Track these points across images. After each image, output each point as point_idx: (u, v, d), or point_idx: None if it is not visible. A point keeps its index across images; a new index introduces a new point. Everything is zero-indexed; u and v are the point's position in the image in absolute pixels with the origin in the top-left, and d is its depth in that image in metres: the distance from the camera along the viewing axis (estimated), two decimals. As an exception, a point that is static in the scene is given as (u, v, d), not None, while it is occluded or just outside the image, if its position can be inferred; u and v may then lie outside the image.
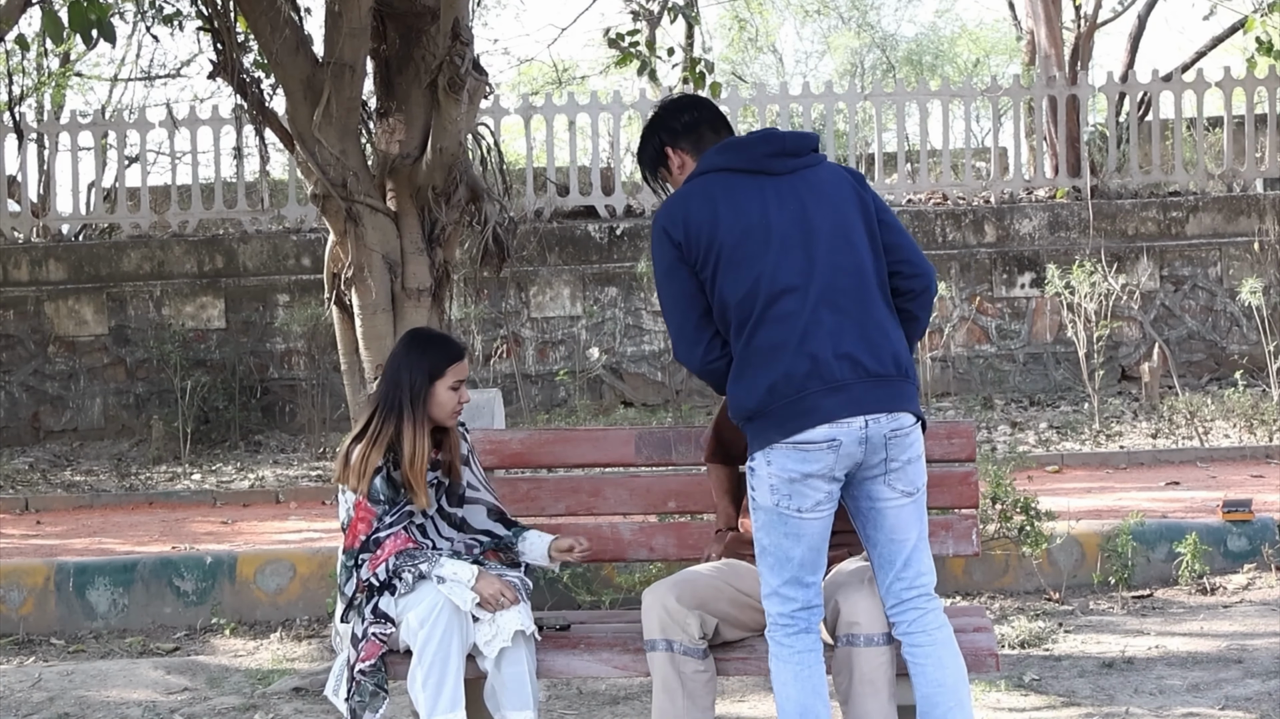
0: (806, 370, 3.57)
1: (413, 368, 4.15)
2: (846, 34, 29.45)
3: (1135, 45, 16.53)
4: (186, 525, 9.43)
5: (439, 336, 4.39)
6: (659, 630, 3.93)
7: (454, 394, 4.17)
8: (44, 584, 7.17)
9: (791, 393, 3.57)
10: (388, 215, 5.92)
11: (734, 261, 3.64)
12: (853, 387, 3.58)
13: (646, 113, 14.04)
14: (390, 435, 4.10)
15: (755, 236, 3.64)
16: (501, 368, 12.83)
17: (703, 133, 3.90)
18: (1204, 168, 13.59)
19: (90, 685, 5.86)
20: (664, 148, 3.94)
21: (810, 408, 3.57)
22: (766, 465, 3.62)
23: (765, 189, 3.69)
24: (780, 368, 3.59)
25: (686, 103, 3.98)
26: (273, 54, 5.89)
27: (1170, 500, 8.53)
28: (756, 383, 3.61)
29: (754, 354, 3.62)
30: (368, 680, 3.98)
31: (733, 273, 3.64)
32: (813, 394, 3.57)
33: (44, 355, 13.17)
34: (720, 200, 3.69)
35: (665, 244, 3.73)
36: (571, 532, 4.60)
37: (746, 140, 3.79)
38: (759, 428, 3.63)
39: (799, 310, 3.60)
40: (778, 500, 3.62)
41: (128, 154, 14.70)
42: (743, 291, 3.63)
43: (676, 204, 3.75)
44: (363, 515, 4.09)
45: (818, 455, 3.58)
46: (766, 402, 3.59)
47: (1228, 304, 13.02)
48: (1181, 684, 5.26)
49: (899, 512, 3.69)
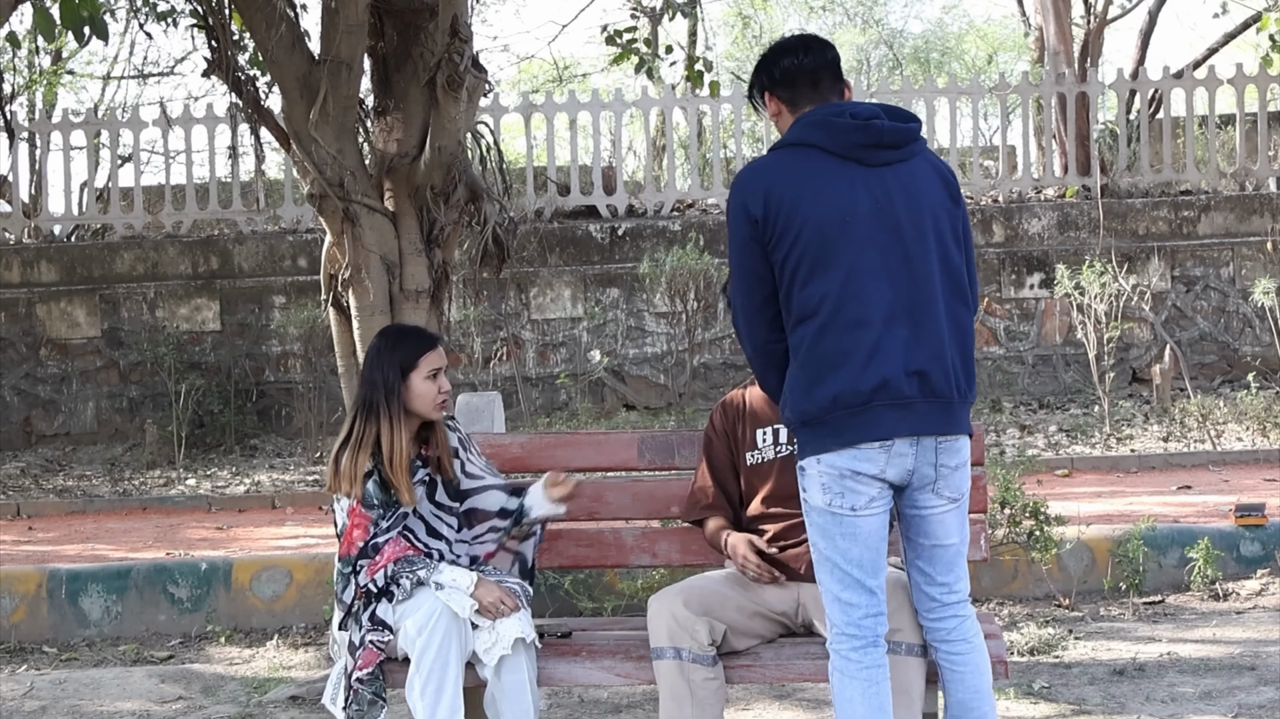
0: (874, 386, 3.51)
1: (384, 364, 4.16)
2: (852, 30, 29.46)
3: (1146, 41, 16.55)
4: (181, 531, 9.43)
5: (410, 329, 4.41)
6: (667, 638, 3.92)
7: (432, 384, 4.16)
8: (36, 591, 7.17)
9: (857, 405, 3.52)
10: (385, 215, 5.92)
11: (812, 255, 3.53)
12: (917, 404, 3.54)
13: (649, 111, 14.06)
14: (373, 436, 4.11)
15: (837, 232, 3.53)
16: (501, 370, 12.83)
17: (800, 86, 3.69)
18: (1216, 166, 13.58)
19: (83, 694, 5.86)
20: (763, 90, 3.76)
21: (871, 421, 3.52)
22: (817, 464, 3.58)
23: (855, 181, 3.55)
24: (848, 380, 3.52)
25: (794, 44, 3.76)
26: (268, 51, 5.88)
27: (1182, 505, 8.53)
28: (821, 392, 3.54)
29: (821, 361, 3.54)
30: (365, 689, 3.99)
31: (808, 266, 3.53)
32: (877, 408, 3.52)
33: (36, 358, 13.18)
34: (805, 183, 3.55)
35: (742, 219, 3.60)
36: (573, 538, 4.61)
37: (838, 124, 3.59)
38: (815, 434, 3.58)
39: (873, 320, 3.52)
40: (830, 500, 3.57)
41: (121, 153, 14.72)
42: (818, 290, 3.53)
43: (757, 177, 3.62)
44: (358, 522, 4.09)
45: (870, 454, 3.54)
46: (828, 411, 3.54)
47: (1240, 305, 13.01)
48: (1194, 692, 5.26)
49: (943, 518, 3.67)
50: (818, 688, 5.48)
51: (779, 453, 4.18)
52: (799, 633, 4.16)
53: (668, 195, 13.69)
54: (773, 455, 4.19)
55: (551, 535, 4.57)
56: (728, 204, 3.67)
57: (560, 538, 4.61)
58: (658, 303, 12.81)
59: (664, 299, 12.41)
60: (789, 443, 4.15)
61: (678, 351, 12.83)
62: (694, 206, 13.89)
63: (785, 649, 4.09)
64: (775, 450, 4.19)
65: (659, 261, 11.81)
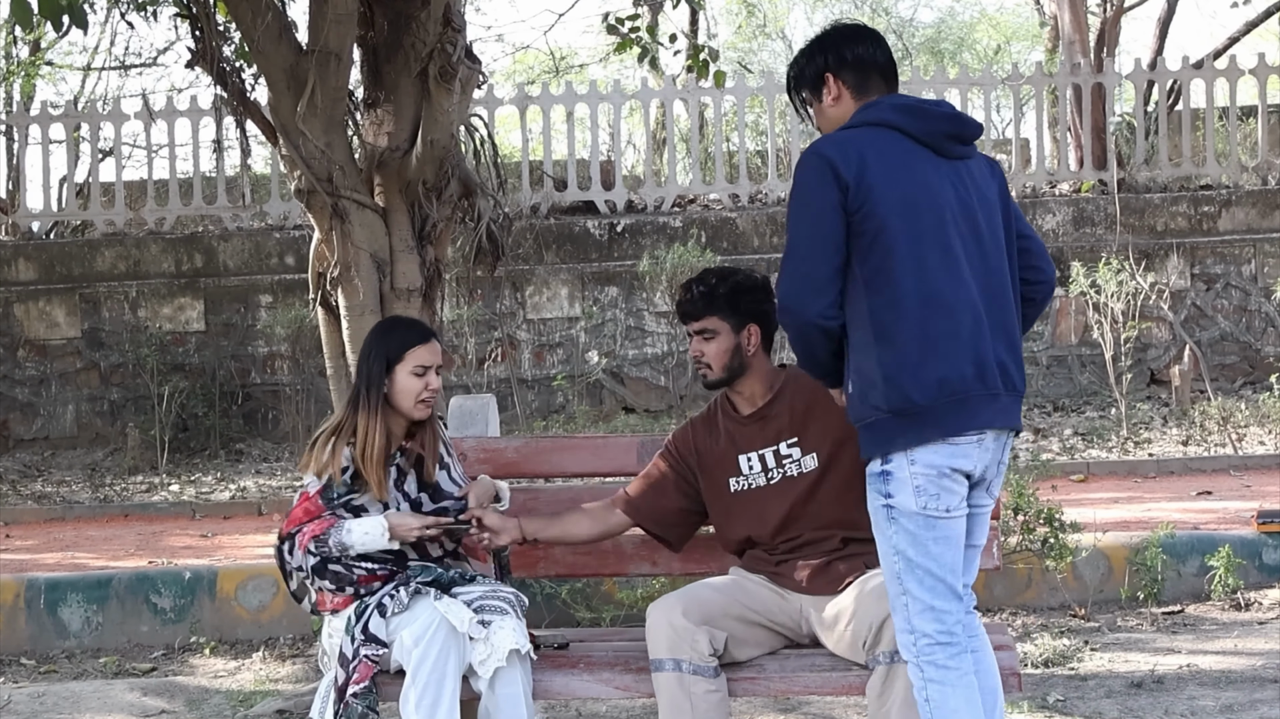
0: (974, 373, 3.55)
1: (371, 355, 4.20)
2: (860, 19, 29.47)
3: (1164, 31, 16.54)
4: (164, 539, 9.44)
5: (404, 321, 4.42)
6: (666, 649, 3.92)
7: (417, 380, 4.17)
8: (14, 601, 7.17)
9: (962, 392, 3.54)
10: (376, 211, 5.92)
11: (907, 233, 3.54)
12: (1002, 398, 3.61)
13: (648, 103, 14.07)
14: (352, 426, 4.14)
15: (934, 216, 3.57)
16: (496, 372, 12.84)
17: (871, 75, 3.74)
18: (1237, 160, 13.59)
19: (63, 708, 5.86)
20: (825, 72, 3.75)
21: (974, 411, 3.56)
22: (910, 465, 3.55)
23: (941, 170, 3.62)
24: (953, 363, 3.53)
25: (865, 34, 3.81)
26: (254, 42, 5.88)
27: (1202, 511, 8.53)
28: (928, 373, 3.52)
29: (927, 341, 3.53)
30: (358, 703, 3.98)
31: (905, 244, 3.54)
32: (976, 398, 3.56)
33: (13, 360, 13.18)
34: (899, 163, 3.58)
35: (829, 180, 3.55)
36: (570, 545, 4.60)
37: (930, 111, 3.69)
38: (915, 424, 3.54)
39: (968, 305, 3.56)
40: (925, 503, 3.56)
41: (101, 147, 14.71)
42: (912, 269, 3.53)
43: (851, 143, 3.59)
44: (307, 507, 4.11)
45: (967, 449, 3.57)
46: (935, 397, 3.53)
47: (1262, 304, 13.02)
48: (1214, 705, 5.26)
49: (982, 517, 3.76)
50: (824, 701, 5.48)
51: (770, 479, 4.17)
52: (803, 644, 4.15)
53: (668, 190, 13.70)
54: (763, 482, 4.18)
55: (548, 543, 4.57)
56: (805, 167, 3.61)
57: (557, 545, 4.60)
58: (658, 302, 12.81)
59: (664, 298, 12.41)
60: (778, 468, 4.15)
61: (679, 352, 12.83)
62: (695, 202, 13.90)
63: (790, 660, 4.09)
64: (766, 477, 4.18)
65: (659, 259, 11.81)
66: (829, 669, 4.00)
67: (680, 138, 15.77)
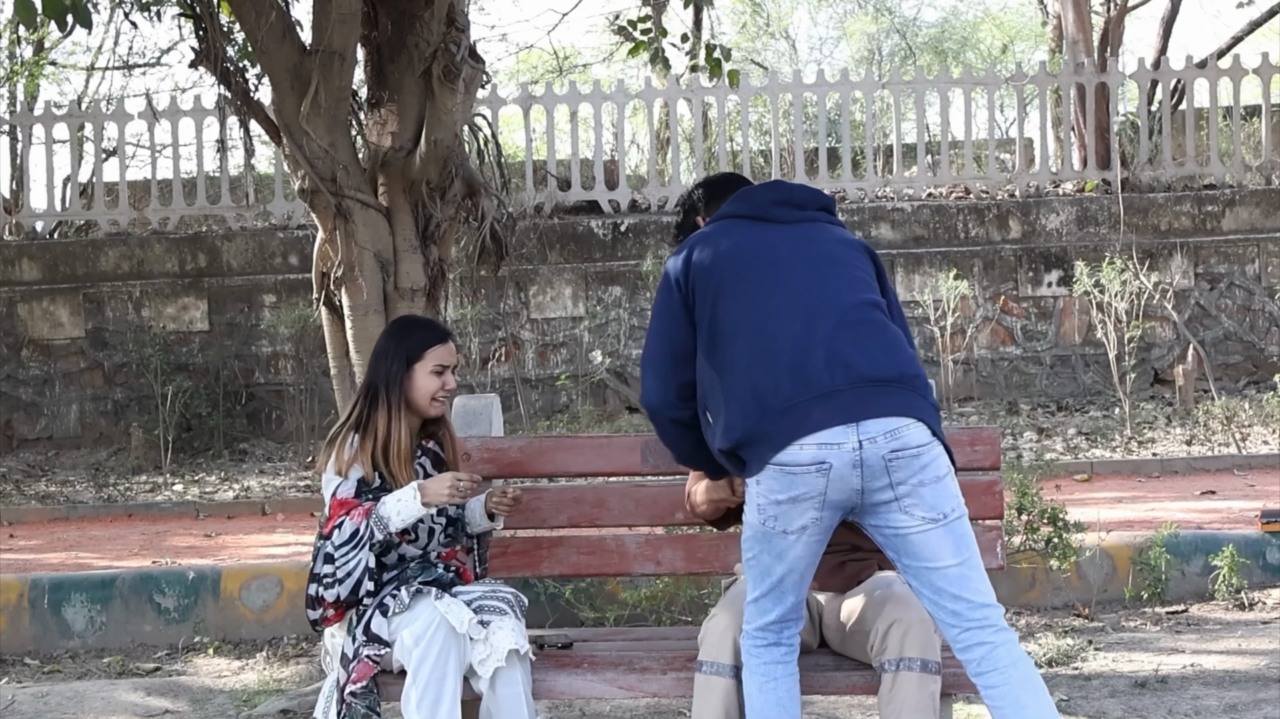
0: (790, 381, 3.54)
1: (390, 353, 4.23)
2: (863, 19, 29.42)
3: (1168, 30, 16.53)
4: (168, 539, 9.44)
5: (422, 321, 4.47)
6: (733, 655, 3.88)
7: (435, 379, 4.22)
8: (17, 601, 7.18)
9: (780, 403, 3.53)
10: (379, 211, 5.93)
11: (733, 286, 3.73)
12: (845, 393, 3.52)
13: (652, 102, 14.07)
14: (373, 425, 4.17)
15: (757, 265, 3.74)
16: (500, 372, 12.84)
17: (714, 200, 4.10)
18: (1241, 159, 13.58)
19: (66, 708, 5.87)
20: (695, 219, 4.16)
21: (799, 420, 3.51)
22: (756, 486, 3.61)
23: (770, 233, 3.82)
24: (766, 373, 3.57)
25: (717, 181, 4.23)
26: (258, 41, 5.89)
27: (1206, 511, 8.53)
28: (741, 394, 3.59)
29: (737, 365, 3.63)
30: (359, 703, 3.99)
31: (729, 294, 3.72)
32: (802, 403, 3.52)
33: (17, 359, 13.19)
34: (723, 240, 3.83)
35: (669, 288, 3.85)
36: (574, 545, 4.61)
37: (753, 189, 3.98)
38: (752, 452, 3.58)
39: (789, 323, 3.62)
40: (764, 520, 3.61)
41: (105, 147, 14.73)
42: (738, 309, 3.69)
43: (686, 246, 3.89)
44: (342, 500, 4.11)
45: (806, 479, 3.51)
46: (756, 417, 3.54)
47: (1266, 303, 13.01)
48: (1218, 705, 5.26)
49: (924, 537, 3.53)
50: (827, 701, 5.48)
51: None
52: (810, 647, 4.14)
53: (672, 190, 13.69)
54: None
55: (552, 542, 4.58)
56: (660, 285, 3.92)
57: (561, 545, 4.61)
58: (662, 301, 12.78)
59: (668, 298, 12.38)
60: None
61: (682, 352, 12.81)
62: (699, 202, 13.88)
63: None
64: None
65: (663, 259, 11.81)
66: (833, 669, 4.00)
67: (684, 137, 15.76)
